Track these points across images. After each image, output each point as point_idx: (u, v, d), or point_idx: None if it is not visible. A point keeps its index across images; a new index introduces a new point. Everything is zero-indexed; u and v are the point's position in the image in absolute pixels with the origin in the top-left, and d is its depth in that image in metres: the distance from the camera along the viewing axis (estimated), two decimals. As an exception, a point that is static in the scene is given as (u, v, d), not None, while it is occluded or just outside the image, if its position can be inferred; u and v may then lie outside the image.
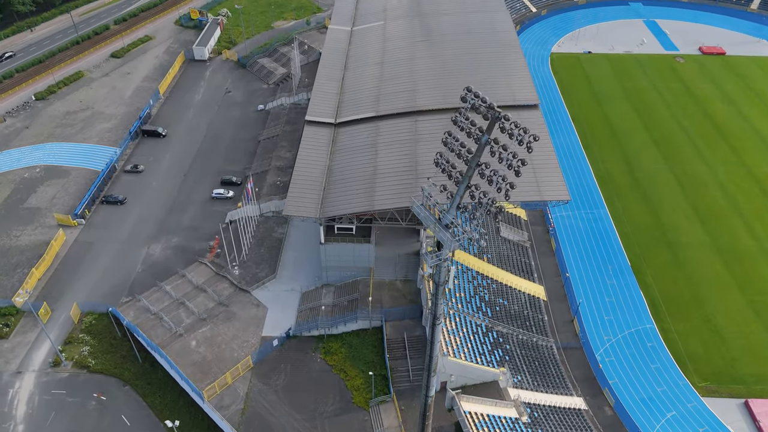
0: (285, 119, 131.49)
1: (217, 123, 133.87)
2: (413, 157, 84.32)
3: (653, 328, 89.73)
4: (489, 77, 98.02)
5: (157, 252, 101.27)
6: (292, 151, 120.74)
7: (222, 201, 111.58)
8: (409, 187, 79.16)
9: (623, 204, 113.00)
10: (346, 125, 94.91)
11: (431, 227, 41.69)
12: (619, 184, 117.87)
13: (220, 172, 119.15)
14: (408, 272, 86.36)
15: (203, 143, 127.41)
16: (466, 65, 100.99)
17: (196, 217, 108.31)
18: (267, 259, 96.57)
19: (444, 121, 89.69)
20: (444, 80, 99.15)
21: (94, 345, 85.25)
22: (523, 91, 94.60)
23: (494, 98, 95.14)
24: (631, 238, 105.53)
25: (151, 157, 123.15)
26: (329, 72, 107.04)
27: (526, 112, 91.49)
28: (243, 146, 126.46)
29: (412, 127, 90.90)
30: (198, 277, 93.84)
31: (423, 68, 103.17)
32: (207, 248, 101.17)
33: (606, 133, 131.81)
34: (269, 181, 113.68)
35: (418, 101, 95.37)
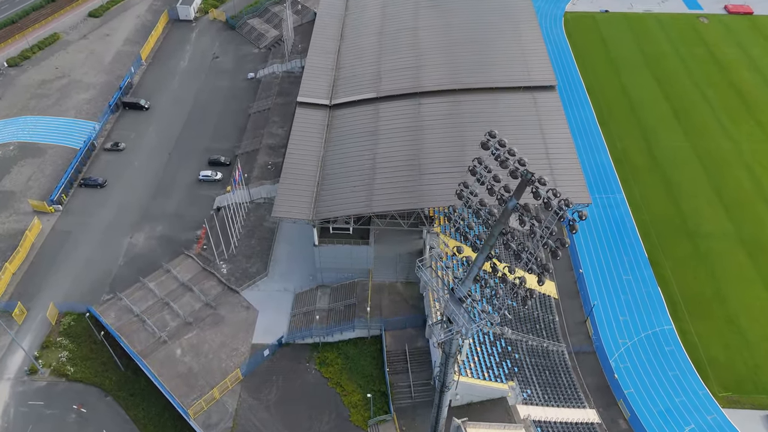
0: (277, 90, 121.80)
1: (204, 94, 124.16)
2: (416, 149, 76.03)
3: (671, 330, 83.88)
4: (501, 53, 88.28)
5: (140, 242, 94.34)
6: (284, 127, 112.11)
7: (209, 184, 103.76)
8: (411, 186, 71.49)
9: (641, 188, 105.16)
10: (343, 107, 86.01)
11: (441, 302, 34.46)
12: (637, 165, 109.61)
13: (207, 150, 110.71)
14: (410, 273, 79.69)
15: (189, 117, 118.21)
16: (475, 37, 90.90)
17: (182, 203, 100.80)
18: (258, 253, 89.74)
19: (450, 106, 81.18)
20: (451, 55, 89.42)
21: (73, 350, 79.55)
22: (539, 69, 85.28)
23: (507, 77, 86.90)
24: (649, 226, 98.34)
25: (133, 133, 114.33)
26: (324, 43, 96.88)
27: (541, 95, 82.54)
28: (232, 120, 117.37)
29: (416, 111, 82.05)
30: (184, 273, 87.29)
31: (428, 40, 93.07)
32: (193, 239, 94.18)
33: (623, 106, 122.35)
34: (260, 161, 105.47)
35: (422, 80, 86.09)
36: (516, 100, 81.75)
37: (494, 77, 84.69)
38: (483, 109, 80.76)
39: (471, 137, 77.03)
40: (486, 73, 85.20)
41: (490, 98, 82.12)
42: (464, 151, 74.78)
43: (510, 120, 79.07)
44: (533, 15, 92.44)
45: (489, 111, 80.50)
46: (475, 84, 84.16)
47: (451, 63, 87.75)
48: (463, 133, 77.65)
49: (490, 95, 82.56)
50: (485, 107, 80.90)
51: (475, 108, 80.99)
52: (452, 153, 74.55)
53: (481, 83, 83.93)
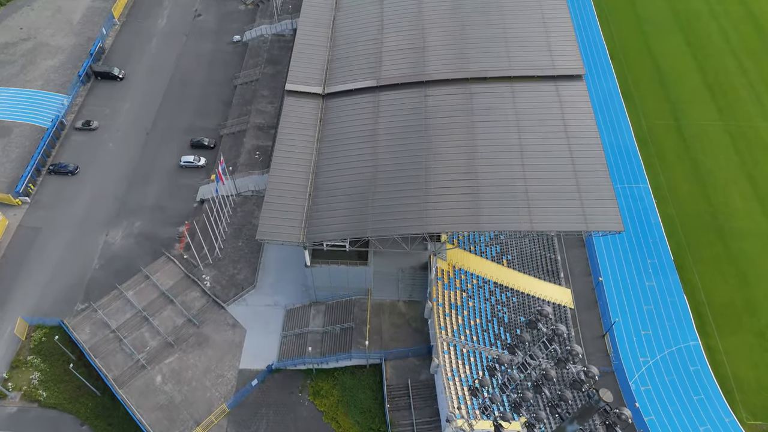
0: (266, 56, 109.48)
1: (186, 60, 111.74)
2: (422, 157, 65.92)
3: (697, 346, 77.08)
4: (520, 34, 76.02)
5: (117, 241, 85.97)
6: (274, 103, 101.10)
7: (192, 170, 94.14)
8: (417, 205, 62.15)
9: (667, 175, 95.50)
10: (338, 97, 75.01)
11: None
12: (664, 147, 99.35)
13: (189, 129, 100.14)
14: (413, 291, 71.77)
15: (168, 89, 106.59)
16: (491, 13, 78.17)
17: (163, 193, 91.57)
18: (246, 256, 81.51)
19: (461, 99, 70.49)
20: (462, 35, 77.16)
21: (45, 371, 73.01)
22: (565, 55, 73.57)
23: (527, 63, 75.05)
24: (676, 222, 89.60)
25: (107, 109, 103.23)
26: (317, 14, 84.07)
27: (567, 85, 71.43)
28: (216, 93, 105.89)
29: (421, 105, 71.26)
30: (165, 280, 79.50)
31: (435, 16, 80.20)
32: (175, 237, 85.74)
33: (650, 76, 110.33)
34: (247, 146, 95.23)
35: (428, 66, 74.51)
36: (536, 91, 70.86)
37: (512, 63, 73.26)
38: (498, 103, 70.04)
39: (484, 139, 66.94)
40: (502, 57, 73.67)
41: (507, 89, 71.17)
42: (476, 159, 64.96)
43: (529, 118, 68.54)
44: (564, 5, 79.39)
45: (505, 106, 69.78)
46: (489, 71, 72.85)
47: (461, 45, 75.76)
48: (476, 135, 67.42)
49: (507, 85, 71.55)
50: (501, 101, 70.13)
51: (489, 102, 70.25)
52: (463, 162, 64.74)
53: (495, 70, 72.67)
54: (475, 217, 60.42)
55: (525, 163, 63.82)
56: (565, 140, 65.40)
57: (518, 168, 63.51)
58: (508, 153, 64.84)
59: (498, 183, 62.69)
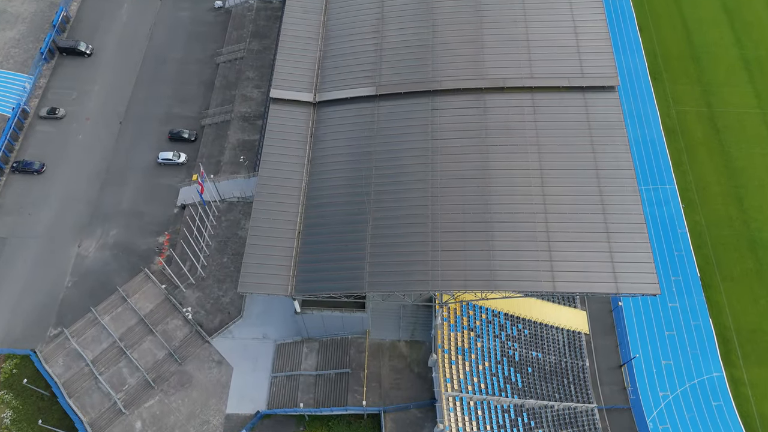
0: (251, 28, 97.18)
1: (161, 31, 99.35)
2: (429, 192, 56.87)
3: (721, 378, 71.58)
4: (547, 32, 64.49)
5: (90, 253, 78.40)
6: (261, 87, 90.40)
7: (171, 168, 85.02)
8: (421, 257, 53.91)
9: (696, 174, 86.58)
10: (331, 106, 64.80)
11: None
12: (694, 140, 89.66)
13: (167, 117, 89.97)
14: (415, 330, 64.98)
15: (143, 67, 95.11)
16: (514, 7, 65.88)
17: (139, 195, 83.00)
18: (231, 275, 74.17)
19: (472, 113, 60.73)
20: (479, 33, 65.57)
21: (17, 408, 67.71)
22: (597, 62, 62.58)
23: (552, 70, 63.60)
24: (704, 231, 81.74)
25: (74, 92, 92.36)
26: (305, 4, 71.68)
27: (597, 99, 61.18)
28: (196, 73, 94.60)
29: (427, 120, 61.36)
30: (143, 303, 72.76)
31: (445, 9, 68.15)
32: (155, 248, 78.16)
33: (682, 51, 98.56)
34: (231, 140, 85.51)
35: (437, 70, 63.71)
36: (561, 106, 60.72)
37: (534, 70, 62.55)
38: (517, 121, 60.14)
39: (500, 171, 57.77)
40: (523, 62, 62.83)
41: (528, 101, 61.01)
42: (490, 198, 56.13)
43: (551, 142, 58.85)
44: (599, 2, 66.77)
45: (524, 126, 59.92)
46: (508, 79, 62.28)
47: (477, 45, 64.35)
48: (490, 165, 58.14)
49: (528, 97, 61.34)
50: (520, 118, 60.20)
51: (506, 119, 60.35)
52: (476, 202, 55.87)
53: (515, 78, 62.10)
54: (489, 272, 52.57)
55: (547, 206, 55.15)
56: (594, 177, 56.27)
57: (540, 212, 54.91)
58: (528, 191, 55.98)
59: (516, 231, 54.33)
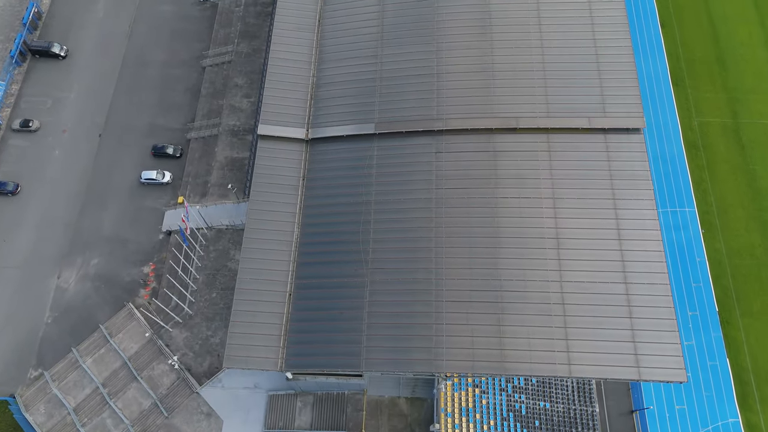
0: (240, 27, 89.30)
1: (142, 29, 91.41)
2: (433, 255, 51.50)
3: (737, 424, 68.13)
4: (566, 64, 57.46)
5: (71, 285, 73.78)
6: (251, 97, 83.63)
7: (155, 188, 79.31)
8: (424, 335, 49.09)
9: (718, 194, 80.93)
10: (325, 143, 58.58)
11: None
12: (717, 155, 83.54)
13: (150, 129, 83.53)
14: (417, 387, 60.79)
15: (123, 71, 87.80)
16: (530, 33, 58.36)
17: (122, 219, 77.64)
18: (221, 312, 69.75)
19: (481, 157, 54.83)
20: (490, 63, 58.57)
21: (-3, 459, 64.60)
22: (621, 99, 55.98)
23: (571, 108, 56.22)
24: (724, 261, 76.82)
25: (48, 100, 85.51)
26: (297, 12, 64.11)
27: (620, 141, 55.02)
28: (180, 78, 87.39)
29: (430, 165, 55.33)
30: (128, 343, 68.67)
31: (454, 27, 60.66)
32: (139, 280, 73.47)
33: (708, 53, 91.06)
34: (219, 157, 79.41)
35: (441, 106, 57.17)
36: (580, 151, 54.56)
37: (550, 106, 56.06)
38: (530, 168, 54.15)
39: (511, 230, 52.25)
40: (538, 97, 56.26)
41: (543, 144, 54.87)
42: (500, 265, 50.89)
43: (568, 194, 53.05)
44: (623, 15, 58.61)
45: (539, 173, 53.98)
46: (521, 118, 55.89)
47: (487, 77, 57.41)
48: (500, 222, 52.59)
49: (543, 139, 55.15)
50: (534, 164, 54.22)
51: (519, 165, 54.36)
52: (485, 268, 50.66)
53: (529, 116, 55.69)
54: (500, 352, 48.03)
55: (563, 273, 50.03)
56: (616, 239, 50.91)
57: (554, 279, 49.85)
58: (542, 254, 50.75)
59: (528, 302, 49.42)
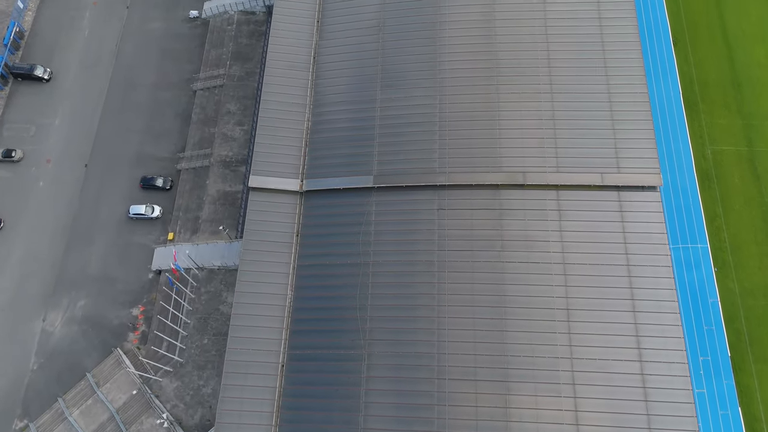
0: (232, 47, 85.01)
1: (129, 48, 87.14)
2: (435, 334, 48.25)
3: (748, 480, 65.78)
4: (578, 112, 53.64)
5: (56, 329, 70.99)
6: (244, 125, 79.91)
7: (145, 223, 75.99)
8: (426, 414, 46.25)
9: (732, 230, 77.38)
10: (320, 196, 55.09)
11: None
12: (731, 187, 79.78)
13: (138, 159, 79.92)
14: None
15: (110, 95, 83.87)
16: (537, 81, 54.27)
17: (110, 256, 74.54)
18: (213, 360, 67.11)
19: (485, 216, 51.49)
20: (497, 110, 54.71)
21: None
22: (636, 153, 52.33)
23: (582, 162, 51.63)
24: (737, 301, 73.64)
25: (32, 128, 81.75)
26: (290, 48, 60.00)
27: (635, 199, 51.56)
28: (170, 102, 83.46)
29: (432, 224, 51.90)
30: (116, 393, 66.16)
31: (459, 67, 56.71)
32: (128, 323, 70.70)
33: (722, 73, 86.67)
34: (211, 191, 75.93)
35: (444, 157, 53.50)
36: (591, 210, 51.18)
37: (560, 160, 52.43)
38: (539, 229, 50.77)
39: (518, 308, 49.01)
40: (548, 150, 52.59)
41: (552, 203, 51.40)
42: (505, 331, 47.83)
43: (580, 260, 49.82)
44: (638, 59, 54.45)
45: (548, 235, 50.63)
46: (529, 173, 52.30)
47: (494, 126, 53.74)
48: (506, 287, 49.37)
49: (552, 196, 51.66)
50: (543, 224, 50.82)
51: (526, 225, 50.97)
52: (488, 338, 47.61)
53: (537, 171, 52.10)
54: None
55: (573, 349, 47.01)
56: (630, 311, 47.83)
57: (564, 356, 46.90)
58: (551, 327, 47.77)
59: (536, 381, 46.48)
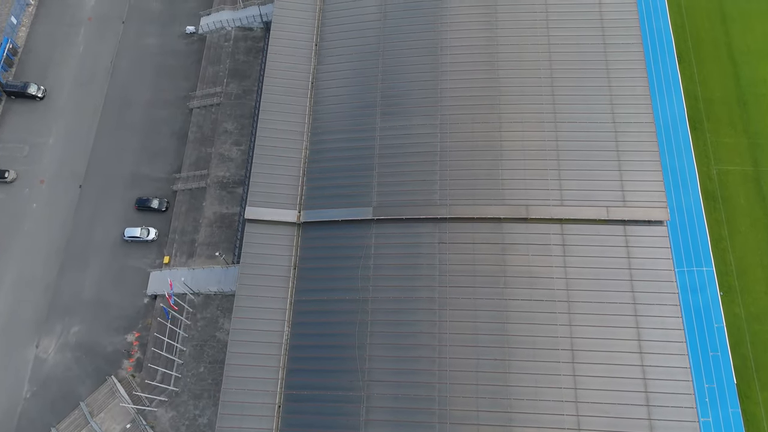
0: (229, 64, 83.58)
1: (124, 64, 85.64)
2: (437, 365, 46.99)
3: None
4: (583, 142, 52.30)
5: (50, 355, 69.62)
6: (241, 144, 78.54)
7: (140, 246, 74.60)
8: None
9: (738, 253, 76.15)
10: (318, 228, 53.74)
11: None
12: (736, 209, 78.56)
13: (133, 179, 78.49)
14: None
15: (105, 113, 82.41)
16: (541, 109, 52.97)
17: (104, 280, 73.16)
18: (209, 389, 65.75)
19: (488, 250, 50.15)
20: (495, 139, 53.37)
21: None
22: (642, 185, 51.00)
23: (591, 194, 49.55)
24: (743, 326, 72.45)
25: (25, 147, 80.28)
26: (287, 71, 58.69)
27: (641, 234, 50.24)
28: (166, 120, 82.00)
29: (433, 257, 50.48)
30: (110, 423, 64.95)
31: (461, 95, 55.32)
32: (123, 350, 69.34)
33: (728, 92, 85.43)
34: (207, 213, 74.55)
35: (445, 188, 52.19)
36: (597, 243, 49.89)
37: (564, 193, 51.06)
38: (542, 265, 49.43)
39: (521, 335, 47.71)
40: (552, 182, 51.23)
41: (556, 237, 50.07)
42: (509, 373, 46.53)
43: (584, 293, 48.53)
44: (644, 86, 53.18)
45: (552, 270, 49.33)
46: (532, 206, 50.96)
47: (496, 157, 52.36)
48: (509, 327, 48.05)
49: (556, 230, 50.34)
50: (547, 260, 49.49)
51: (530, 261, 49.64)
52: (492, 381, 46.28)
53: (541, 204, 50.77)
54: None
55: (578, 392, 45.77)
56: (637, 352, 46.53)
57: (569, 399, 45.60)
58: (555, 368, 46.53)
59: (541, 427, 45.12)
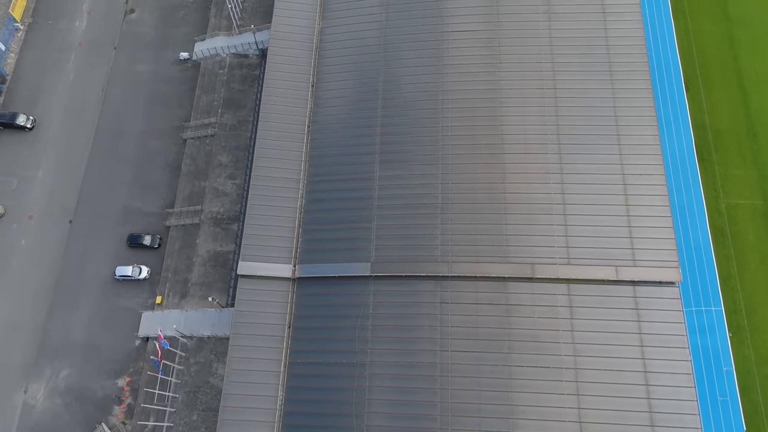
0: (223, 93, 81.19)
1: (116, 93, 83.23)
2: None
3: None
4: (590, 198, 50.09)
5: (39, 401, 67.58)
6: (236, 178, 76.32)
7: (131, 285, 72.45)
8: None
9: (748, 291, 74.04)
10: (314, 284, 51.53)
11: None
12: (746, 244, 76.41)
13: (125, 214, 76.25)
14: None
15: (95, 144, 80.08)
16: (546, 159, 50.57)
17: (95, 322, 71.08)
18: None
19: (492, 312, 48.03)
20: (498, 191, 51.12)
21: None
22: (652, 244, 48.81)
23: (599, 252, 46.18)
24: (752, 369, 70.48)
25: (14, 181, 77.96)
26: (283, 121, 56.40)
27: (651, 296, 48.08)
28: (159, 151, 79.68)
29: (434, 319, 48.27)
30: (101, 475, 62.78)
31: (459, 146, 52.90)
32: (113, 395, 67.34)
33: (736, 121, 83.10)
34: (201, 251, 72.35)
35: (447, 243, 49.94)
36: (605, 305, 47.74)
37: (571, 250, 48.89)
38: (547, 324, 47.34)
39: (526, 405, 45.60)
40: (557, 238, 49.06)
41: (563, 298, 47.93)
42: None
43: (591, 360, 46.41)
44: (655, 136, 50.98)
45: (558, 334, 47.22)
46: (538, 264, 48.82)
47: (500, 211, 50.14)
48: (514, 395, 45.95)
49: (562, 290, 48.21)
50: (553, 323, 47.35)
51: (535, 324, 47.52)
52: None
53: (547, 263, 48.62)
54: None
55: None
56: (648, 425, 44.43)
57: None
58: (563, 442, 44.42)
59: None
